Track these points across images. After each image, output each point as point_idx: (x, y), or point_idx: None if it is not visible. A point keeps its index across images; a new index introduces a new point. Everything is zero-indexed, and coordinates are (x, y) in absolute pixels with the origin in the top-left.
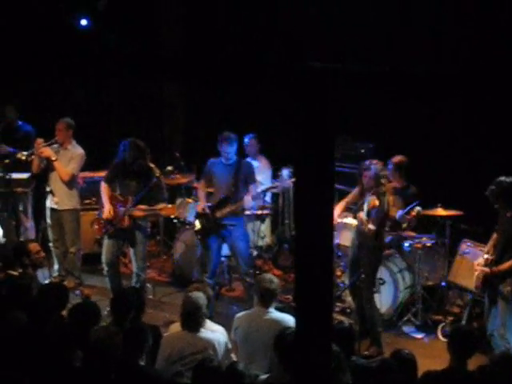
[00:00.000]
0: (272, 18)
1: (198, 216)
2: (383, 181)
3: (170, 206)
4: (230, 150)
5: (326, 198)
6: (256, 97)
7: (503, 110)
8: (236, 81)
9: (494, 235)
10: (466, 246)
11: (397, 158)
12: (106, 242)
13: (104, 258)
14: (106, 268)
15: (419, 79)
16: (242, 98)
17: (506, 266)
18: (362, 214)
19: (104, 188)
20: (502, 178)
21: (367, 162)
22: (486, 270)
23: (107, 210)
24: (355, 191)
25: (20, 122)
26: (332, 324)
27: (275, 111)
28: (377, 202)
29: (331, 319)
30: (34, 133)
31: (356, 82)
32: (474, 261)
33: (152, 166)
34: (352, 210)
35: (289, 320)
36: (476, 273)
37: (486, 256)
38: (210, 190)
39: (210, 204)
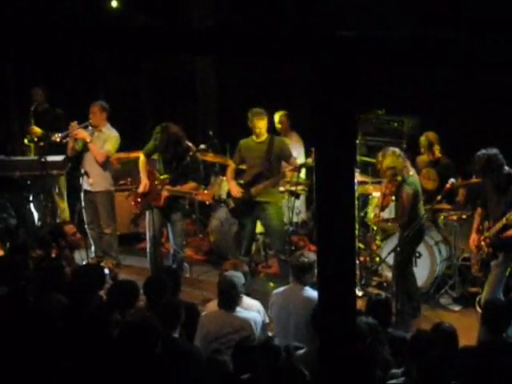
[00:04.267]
0: None
1: (230, 195)
2: (397, 165)
3: (206, 191)
4: (260, 125)
5: (347, 169)
6: (288, 72)
7: None
8: (263, 53)
9: (479, 210)
10: None
11: (426, 134)
12: (148, 217)
13: (148, 233)
14: (149, 244)
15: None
16: (274, 74)
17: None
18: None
19: (142, 161)
20: (480, 153)
21: (380, 155)
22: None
23: (143, 184)
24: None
25: (47, 105)
26: (355, 297)
27: (307, 86)
28: (392, 198)
29: (354, 292)
30: (62, 115)
31: (387, 51)
32: None
33: (188, 146)
34: None
35: None
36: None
37: (485, 233)
38: (243, 167)
39: (242, 182)
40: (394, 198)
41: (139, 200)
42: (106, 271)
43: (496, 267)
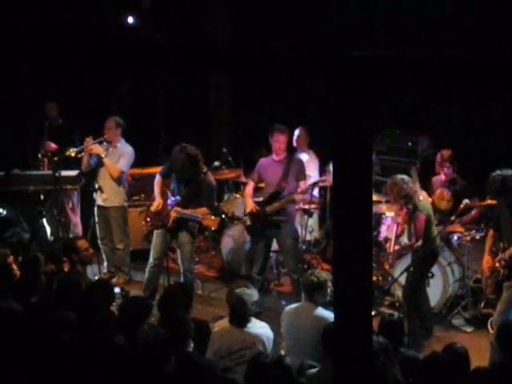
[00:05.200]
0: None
1: (248, 213)
2: (408, 192)
3: (213, 217)
4: (280, 140)
5: (364, 190)
6: (304, 89)
7: None
8: (280, 71)
9: (491, 232)
10: None
11: (442, 152)
12: (155, 237)
13: (152, 253)
14: (151, 263)
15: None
16: (290, 91)
17: None
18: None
19: (157, 181)
20: (495, 174)
21: (389, 183)
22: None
23: (156, 203)
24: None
25: (60, 120)
26: (371, 317)
27: (323, 104)
28: (405, 227)
29: (370, 313)
30: (75, 130)
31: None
32: None
33: (204, 170)
34: None
35: (332, 317)
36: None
37: (500, 256)
38: (262, 185)
39: (259, 199)
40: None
41: (150, 219)
42: (117, 289)
43: (509, 288)
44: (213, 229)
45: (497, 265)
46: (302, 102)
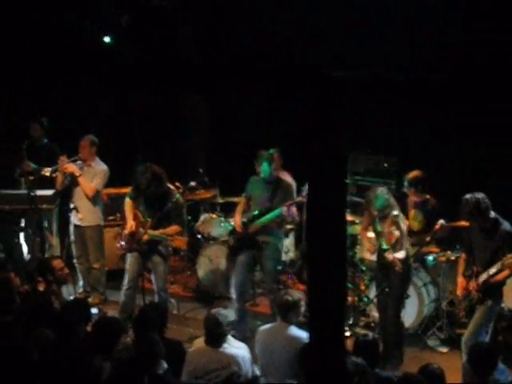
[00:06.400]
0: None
1: (232, 232)
2: (391, 202)
3: (181, 238)
4: (262, 169)
5: (338, 210)
6: (279, 111)
7: None
8: (254, 91)
9: (463, 255)
10: None
11: (411, 174)
12: (129, 259)
13: (127, 276)
14: (125, 285)
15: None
16: (265, 112)
17: (500, 276)
18: (390, 254)
19: (127, 203)
20: (468, 196)
21: (371, 195)
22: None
23: (129, 225)
24: (366, 218)
25: (46, 140)
26: (344, 337)
27: (299, 125)
28: (396, 233)
29: (344, 332)
30: (58, 150)
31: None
32: None
33: (170, 189)
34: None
35: (306, 337)
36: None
37: (473, 280)
38: None
39: (244, 220)
40: (397, 232)
41: (125, 242)
42: (95, 310)
43: (482, 311)
44: (182, 249)
45: (470, 289)
46: (278, 122)
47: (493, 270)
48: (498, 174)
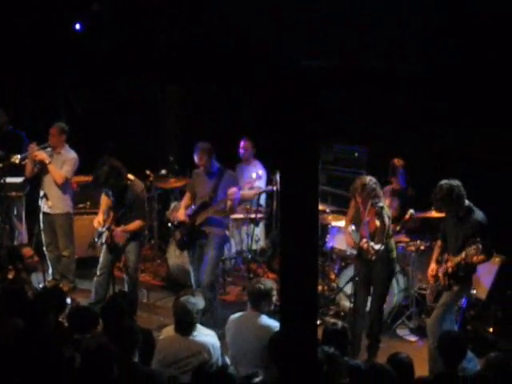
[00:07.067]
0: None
1: (178, 225)
2: (378, 192)
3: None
4: (199, 161)
5: (311, 199)
6: (251, 99)
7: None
8: (227, 81)
9: (439, 242)
10: None
11: (394, 161)
12: (103, 248)
13: (100, 263)
14: (98, 272)
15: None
16: (237, 100)
17: (478, 259)
18: (365, 243)
19: (102, 198)
20: (443, 183)
21: (358, 183)
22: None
23: (96, 220)
24: (352, 209)
25: (11, 127)
26: (316, 326)
27: (271, 113)
28: (377, 223)
29: (316, 321)
30: (24, 137)
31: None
32: None
33: (133, 182)
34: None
35: (276, 326)
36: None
37: (443, 266)
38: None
39: (189, 212)
40: (378, 222)
41: (96, 238)
42: (69, 300)
43: (447, 296)
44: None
45: (439, 274)
46: (250, 110)
47: (457, 259)
48: (470, 161)
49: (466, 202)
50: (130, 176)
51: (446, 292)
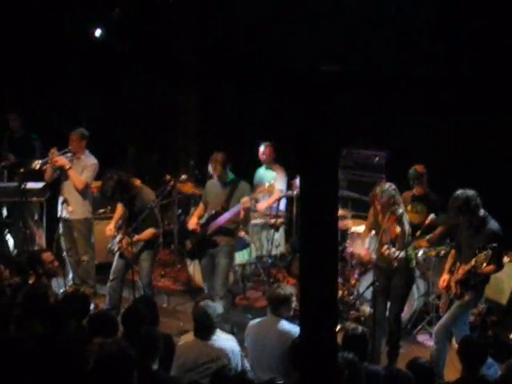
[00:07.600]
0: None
1: (189, 234)
2: (397, 199)
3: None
4: (214, 171)
5: (331, 204)
6: (271, 104)
7: None
8: (246, 84)
9: (452, 252)
10: None
11: (415, 167)
12: (117, 254)
13: (113, 267)
14: (111, 277)
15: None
16: (257, 105)
17: (488, 269)
18: (387, 249)
19: (118, 207)
20: (459, 192)
21: (377, 190)
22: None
23: (108, 228)
24: (371, 216)
25: (23, 131)
26: (335, 332)
27: (290, 118)
28: (398, 230)
29: (336, 326)
30: (38, 142)
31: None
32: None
33: (138, 190)
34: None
35: (297, 331)
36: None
37: (455, 275)
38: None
39: (202, 222)
40: (398, 228)
41: (110, 245)
42: (92, 305)
43: (458, 304)
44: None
45: (451, 283)
46: (270, 115)
47: (468, 267)
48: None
49: (482, 211)
50: (139, 183)
51: (458, 300)
